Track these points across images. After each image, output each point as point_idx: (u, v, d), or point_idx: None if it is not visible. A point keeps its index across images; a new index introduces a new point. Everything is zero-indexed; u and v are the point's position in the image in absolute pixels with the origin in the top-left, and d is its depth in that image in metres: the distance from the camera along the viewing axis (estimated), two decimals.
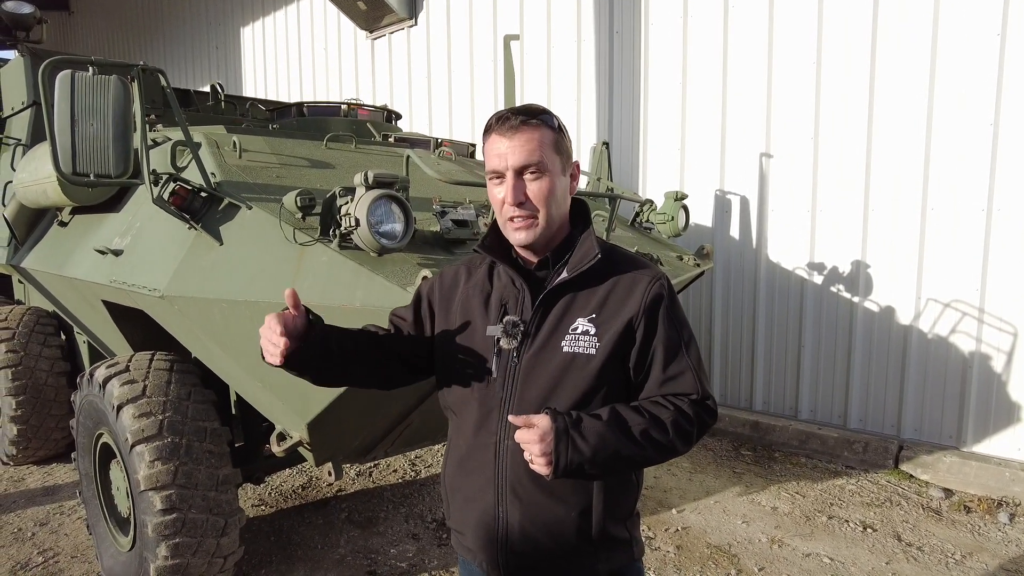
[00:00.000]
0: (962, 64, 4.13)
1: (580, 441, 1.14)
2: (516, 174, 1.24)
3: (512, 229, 1.28)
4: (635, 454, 1.19)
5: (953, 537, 3.51)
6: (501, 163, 1.26)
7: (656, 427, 1.20)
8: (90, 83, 2.15)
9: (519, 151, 1.24)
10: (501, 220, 1.31)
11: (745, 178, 5.12)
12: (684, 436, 1.23)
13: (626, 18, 5.63)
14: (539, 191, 1.25)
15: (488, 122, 1.29)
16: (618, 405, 1.23)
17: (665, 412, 1.23)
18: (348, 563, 3.20)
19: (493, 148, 1.27)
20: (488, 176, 1.31)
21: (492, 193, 1.31)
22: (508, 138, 1.24)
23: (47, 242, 3.65)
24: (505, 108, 1.37)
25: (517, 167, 1.24)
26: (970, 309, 4.25)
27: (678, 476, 4.30)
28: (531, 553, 1.29)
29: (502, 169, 1.26)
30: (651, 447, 1.20)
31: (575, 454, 1.14)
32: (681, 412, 1.24)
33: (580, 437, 1.15)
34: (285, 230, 2.15)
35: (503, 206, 1.28)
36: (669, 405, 1.24)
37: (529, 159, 1.24)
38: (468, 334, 1.34)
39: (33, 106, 3.85)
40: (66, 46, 14.34)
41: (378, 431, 2.64)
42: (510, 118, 1.25)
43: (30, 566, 3.17)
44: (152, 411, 2.57)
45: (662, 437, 1.20)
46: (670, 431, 1.21)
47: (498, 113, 1.29)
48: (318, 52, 8.65)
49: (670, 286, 1.34)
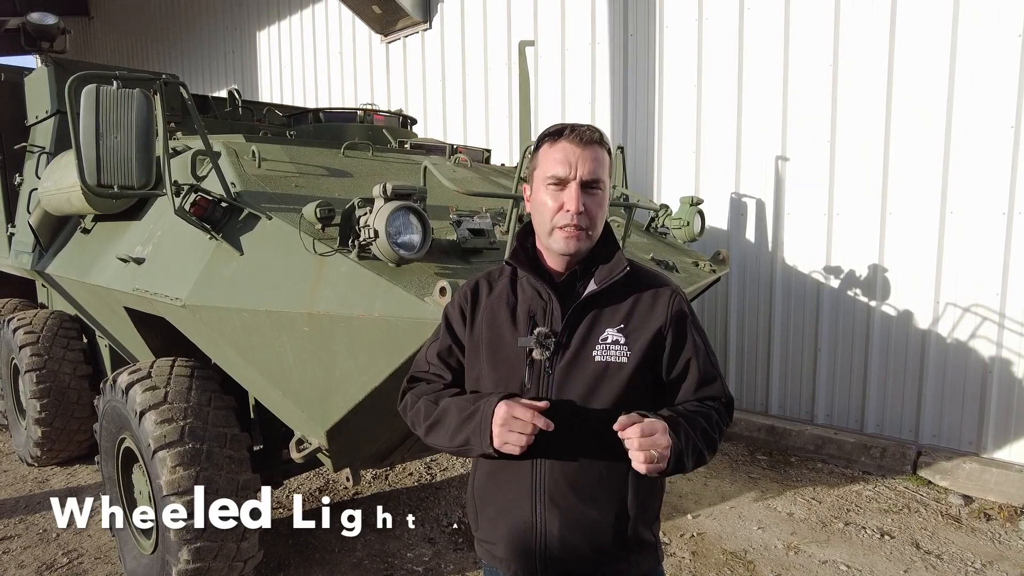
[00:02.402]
0: (982, 65, 4.09)
1: (681, 437, 1.23)
2: (582, 185, 1.28)
3: (562, 237, 1.29)
4: (701, 452, 1.29)
5: (973, 545, 3.48)
6: (569, 171, 1.27)
7: (711, 427, 1.31)
8: (114, 97, 2.19)
9: (591, 163, 1.28)
10: (547, 226, 1.31)
11: (761, 181, 5.09)
12: (721, 436, 1.35)
13: (641, 20, 5.62)
14: (597, 206, 1.30)
15: (554, 128, 1.32)
16: (676, 408, 1.32)
17: (712, 415, 1.34)
18: (365, 567, 3.23)
19: (562, 154, 1.28)
20: (547, 181, 1.30)
21: (542, 198, 1.31)
22: (582, 148, 1.28)
23: (70, 249, 3.71)
24: (525, 131, 1.39)
25: (586, 178, 1.28)
26: (990, 313, 4.20)
27: (693, 481, 4.29)
28: (569, 560, 1.33)
29: (568, 176, 1.28)
30: (707, 446, 1.30)
31: (684, 448, 1.23)
32: (719, 414, 1.35)
33: (679, 433, 1.23)
34: (305, 240, 2.18)
35: (557, 212, 1.29)
36: (706, 408, 1.34)
37: (597, 174, 1.29)
38: (497, 346, 1.36)
39: (57, 115, 3.91)
40: (86, 51, 14.57)
41: (396, 437, 2.66)
42: (586, 131, 1.29)
43: (55, 567, 3.24)
44: (174, 417, 2.61)
45: (716, 435, 1.32)
46: (715, 431, 1.32)
47: (565, 124, 1.32)
48: (333, 56, 8.71)
49: (687, 299, 1.42)
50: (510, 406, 1.22)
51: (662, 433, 1.18)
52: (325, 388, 2.31)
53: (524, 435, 1.20)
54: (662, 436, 1.18)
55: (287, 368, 2.36)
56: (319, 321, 2.13)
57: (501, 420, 1.22)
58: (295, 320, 2.19)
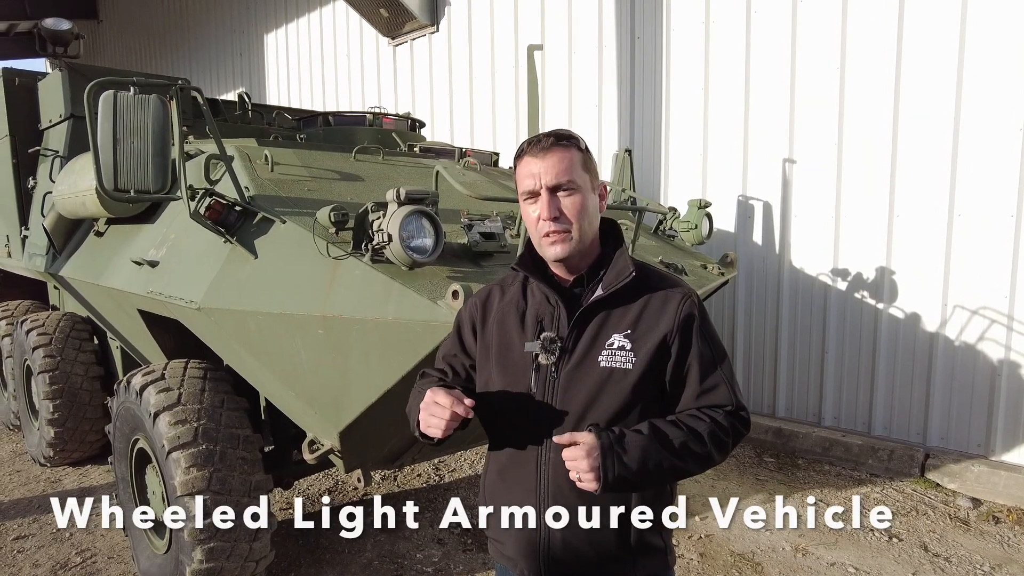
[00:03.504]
0: (991, 68, 4.09)
1: (625, 456, 1.21)
2: (550, 191, 1.30)
3: (547, 244, 1.33)
4: (676, 466, 1.26)
5: (982, 548, 3.48)
6: (535, 183, 1.31)
7: (694, 439, 1.27)
8: (131, 102, 2.23)
9: (552, 170, 1.30)
10: (536, 238, 1.35)
11: (768, 184, 5.10)
12: (720, 446, 1.30)
13: (647, 24, 5.63)
14: (572, 206, 1.31)
15: (520, 147, 1.35)
16: (656, 420, 1.29)
17: (702, 424, 1.29)
18: (375, 567, 3.26)
19: (526, 169, 1.33)
20: (523, 197, 1.36)
21: (527, 213, 1.36)
22: (541, 159, 1.31)
23: (84, 251, 3.75)
24: (533, 134, 1.42)
25: (551, 185, 1.30)
26: (998, 316, 4.20)
27: (701, 483, 4.30)
28: (572, 561, 1.35)
29: (536, 188, 1.31)
30: (691, 459, 1.27)
31: (621, 468, 1.20)
32: (717, 423, 1.30)
33: (624, 452, 1.22)
34: (319, 244, 2.21)
35: (538, 223, 1.33)
36: (705, 417, 1.30)
37: (562, 177, 1.30)
38: (506, 350, 1.39)
39: (70, 119, 3.96)
40: (95, 54, 14.67)
41: (407, 439, 2.69)
42: (541, 140, 1.32)
43: (69, 566, 3.27)
44: (187, 418, 2.65)
45: (700, 449, 1.27)
46: (707, 442, 1.28)
47: (530, 138, 1.35)
48: (340, 59, 8.76)
49: (700, 302, 1.39)
50: (434, 392, 1.29)
51: (583, 457, 1.20)
52: (338, 390, 2.33)
53: (443, 420, 1.26)
54: (583, 460, 1.20)
55: (301, 370, 2.39)
56: (333, 324, 2.16)
57: (425, 405, 1.30)
58: (309, 323, 2.22)
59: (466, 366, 1.49)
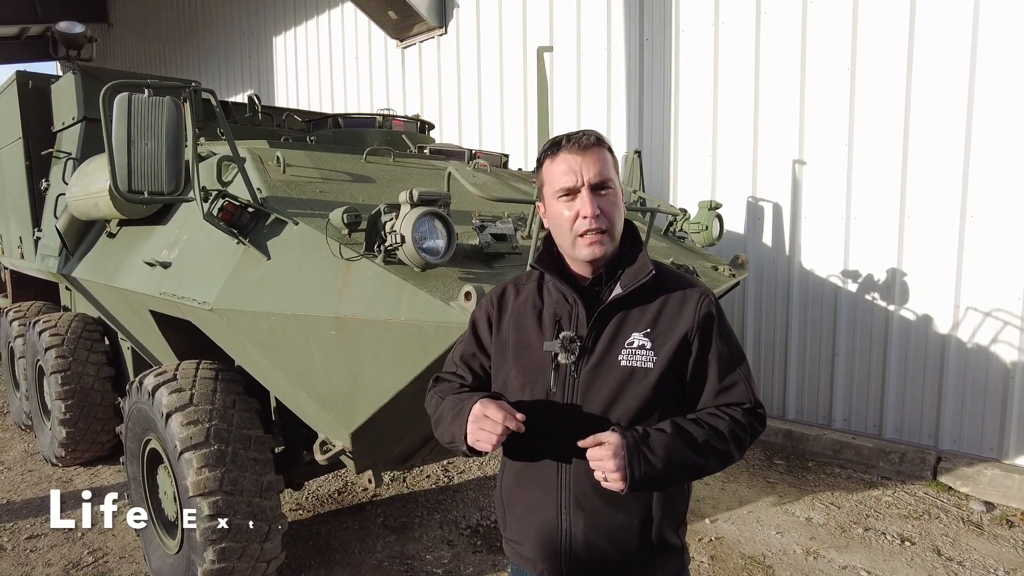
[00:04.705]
0: (1003, 67, 4.06)
1: (651, 455, 1.21)
2: (591, 189, 1.28)
3: (584, 244, 1.30)
4: (699, 464, 1.27)
5: (995, 552, 3.45)
6: (575, 179, 1.28)
7: (716, 437, 1.28)
8: (145, 105, 2.24)
9: (594, 167, 1.29)
10: (570, 237, 1.31)
11: (778, 185, 5.08)
12: (740, 444, 1.31)
13: (656, 25, 5.63)
14: (611, 207, 1.30)
15: (553, 142, 1.33)
16: (678, 418, 1.29)
17: (722, 422, 1.30)
18: (385, 568, 3.26)
19: (564, 165, 1.30)
20: (557, 195, 1.32)
21: (558, 211, 1.32)
22: (582, 155, 1.29)
23: (96, 253, 3.78)
24: (543, 136, 1.41)
25: (594, 182, 1.28)
26: (1011, 318, 4.17)
27: (711, 485, 4.28)
28: (594, 562, 1.34)
29: (576, 185, 1.29)
30: (712, 456, 1.27)
31: (647, 467, 1.21)
32: (736, 421, 1.31)
33: (650, 451, 1.22)
34: (331, 245, 2.21)
35: (575, 221, 1.29)
36: (724, 415, 1.31)
37: (604, 175, 1.29)
38: (523, 350, 1.37)
39: (83, 121, 3.98)
40: (105, 57, 14.78)
41: (418, 440, 2.69)
42: (581, 137, 1.30)
43: (81, 565, 3.29)
44: (199, 419, 2.65)
45: (722, 446, 1.28)
46: (728, 440, 1.29)
47: (561, 136, 1.33)
48: (349, 61, 8.79)
49: (717, 302, 1.39)
50: (484, 405, 1.26)
51: (610, 457, 1.19)
52: (351, 391, 2.34)
53: (494, 435, 1.24)
54: (609, 460, 1.19)
55: (313, 371, 2.40)
56: (346, 325, 2.17)
57: (474, 418, 1.27)
58: (322, 324, 2.22)
59: (485, 366, 1.47)
